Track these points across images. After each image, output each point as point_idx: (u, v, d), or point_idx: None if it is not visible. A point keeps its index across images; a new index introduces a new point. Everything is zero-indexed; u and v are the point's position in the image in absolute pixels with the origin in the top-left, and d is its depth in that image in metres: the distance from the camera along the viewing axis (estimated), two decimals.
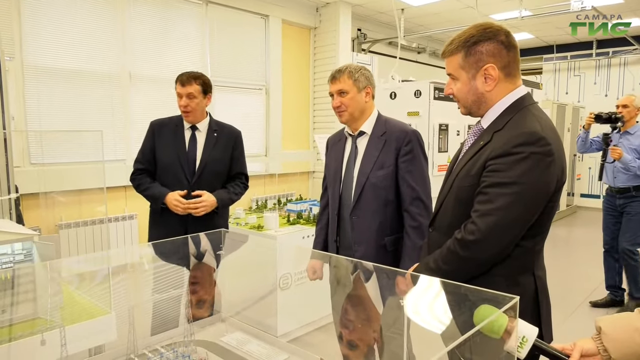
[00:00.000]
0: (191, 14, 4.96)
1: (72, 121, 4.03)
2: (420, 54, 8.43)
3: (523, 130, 1.32)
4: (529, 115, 1.38)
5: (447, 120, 5.00)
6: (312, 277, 2.33)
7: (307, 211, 4.27)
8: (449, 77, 1.52)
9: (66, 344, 1.44)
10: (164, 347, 1.70)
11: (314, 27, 6.25)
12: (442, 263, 1.43)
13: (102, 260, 2.52)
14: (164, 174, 2.59)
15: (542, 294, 1.43)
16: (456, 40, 1.45)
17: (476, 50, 1.40)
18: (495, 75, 1.39)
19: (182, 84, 2.55)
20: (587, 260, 4.33)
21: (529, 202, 1.32)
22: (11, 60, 3.61)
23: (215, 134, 2.68)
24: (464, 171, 1.45)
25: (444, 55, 1.51)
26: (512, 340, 1.00)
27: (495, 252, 1.36)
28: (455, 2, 6.30)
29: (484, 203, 1.34)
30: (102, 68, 4.22)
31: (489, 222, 1.32)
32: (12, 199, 2.59)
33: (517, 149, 1.30)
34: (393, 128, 2.14)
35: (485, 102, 1.45)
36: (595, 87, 9.24)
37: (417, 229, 2.05)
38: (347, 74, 2.11)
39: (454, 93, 1.51)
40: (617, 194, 4.02)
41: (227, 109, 5.35)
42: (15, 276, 1.71)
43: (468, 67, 1.42)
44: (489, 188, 1.34)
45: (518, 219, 1.32)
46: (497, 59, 1.39)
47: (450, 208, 1.50)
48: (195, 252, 2.21)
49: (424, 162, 2.13)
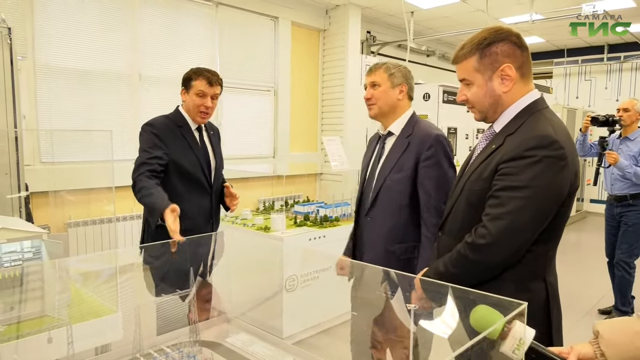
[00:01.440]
0: (201, 15, 4.99)
1: (82, 120, 4.07)
2: (429, 57, 8.40)
3: (536, 134, 1.30)
4: (541, 118, 1.36)
5: (455, 123, 4.99)
6: (339, 273, 2.29)
7: (314, 213, 4.27)
8: (462, 83, 1.49)
9: (73, 342, 1.45)
10: (169, 347, 1.70)
11: (323, 29, 6.25)
12: (452, 266, 1.41)
13: (109, 259, 2.53)
14: (187, 183, 2.34)
15: (553, 300, 1.40)
16: (468, 44, 1.42)
17: (491, 52, 1.38)
18: (512, 75, 1.37)
19: (210, 82, 2.32)
20: (596, 266, 4.28)
21: (540, 206, 1.29)
22: (23, 59, 3.65)
23: (211, 132, 2.56)
24: (475, 175, 1.43)
25: (456, 60, 1.48)
26: (508, 341, 0.99)
27: (505, 257, 1.34)
28: (465, 5, 6.28)
29: (495, 207, 1.32)
30: (113, 68, 4.26)
31: (499, 226, 1.30)
32: (22, 197, 2.61)
33: (530, 152, 1.29)
34: (418, 130, 2.04)
35: (502, 104, 1.42)
36: (606, 92, 9.16)
37: (432, 241, 1.90)
38: (384, 68, 2.06)
39: (468, 99, 1.47)
40: (615, 201, 3.94)
41: (236, 110, 5.37)
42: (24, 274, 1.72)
43: (483, 69, 1.40)
44: (500, 191, 1.32)
45: (529, 222, 1.30)
46: (513, 59, 1.38)
47: (460, 212, 1.48)
48: (202, 253, 2.21)
49: (448, 169, 2.00)
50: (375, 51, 7.18)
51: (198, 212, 2.39)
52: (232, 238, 2.50)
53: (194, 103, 2.33)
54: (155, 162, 2.21)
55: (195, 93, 2.32)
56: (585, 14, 5.39)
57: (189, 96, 2.37)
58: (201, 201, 2.41)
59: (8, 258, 1.76)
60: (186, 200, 2.30)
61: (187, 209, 2.27)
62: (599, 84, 9.29)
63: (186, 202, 2.28)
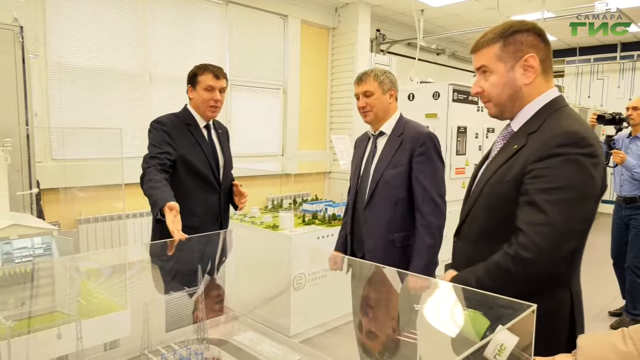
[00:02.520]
0: (211, 14, 5.00)
1: (93, 118, 4.10)
2: (439, 56, 8.36)
3: (563, 130, 1.23)
4: (565, 115, 1.29)
5: (465, 122, 4.95)
6: (332, 268, 2.44)
7: (322, 212, 4.27)
8: (478, 74, 1.41)
9: (82, 337, 1.46)
10: (177, 344, 1.71)
11: (333, 28, 6.24)
12: (489, 279, 1.27)
13: (119, 255, 2.55)
14: (196, 180, 2.35)
15: (577, 310, 1.32)
16: (491, 32, 1.35)
17: (515, 40, 1.32)
18: (535, 66, 1.31)
19: (216, 76, 2.34)
20: (607, 268, 4.23)
21: (582, 206, 1.21)
22: (35, 58, 3.68)
23: (220, 130, 2.57)
24: (495, 177, 1.34)
25: (476, 47, 1.39)
26: (490, 346, 0.99)
27: (554, 268, 1.24)
28: (475, 3, 6.23)
29: (534, 214, 1.21)
30: (123, 67, 4.28)
31: (544, 235, 1.19)
32: (34, 193, 2.64)
33: (560, 149, 1.20)
34: (410, 129, 2.22)
35: (521, 98, 1.35)
36: (619, 91, 9.05)
37: (427, 228, 2.12)
38: (373, 76, 2.22)
39: (485, 90, 1.39)
40: (624, 203, 3.87)
41: (245, 108, 5.38)
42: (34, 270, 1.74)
43: (506, 57, 1.33)
44: (536, 196, 1.21)
45: (574, 227, 1.21)
46: (537, 50, 1.32)
47: (478, 217, 1.40)
48: (210, 250, 2.22)
49: (439, 164, 2.19)
50: (384, 49, 7.16)
51: (205, 210, 2.41)
52: (240, 236, 2.51)
53: (203, 98, 2.35)
54: (165, 157, 2.22)
55: (203, 88, 2.34)
56: (598, 12, 5.32)
57: (196, 92, 2.38)
58: (209, 199, 2.42)
59: (19, 254, 1.78)
60: (194, 197, 2.33)
61: (195, 206, 2.33)
62: (611, 82, 9.18)
63: (194, 199, 2.32)
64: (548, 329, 1.15)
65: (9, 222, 1.68)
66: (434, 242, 2.12)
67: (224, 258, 2.25)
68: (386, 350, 1.95)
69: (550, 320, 1.24)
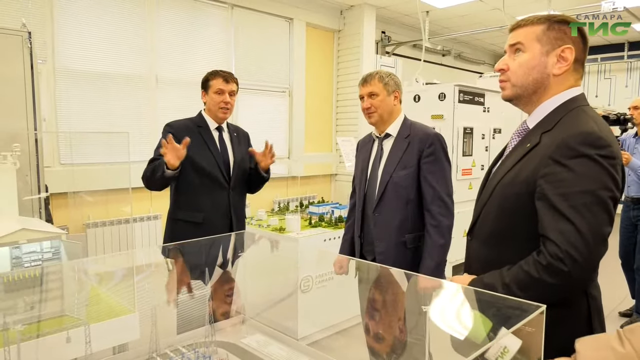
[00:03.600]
0: (217, 18, 5.03)
1: (100, 123, 4.12)
2: (445, 57, 8.33)
3: (580, 130, 1.19)
4: (582, 114, 1.25)
5: (471, 123, 4.93)
6: (338, 272, 2.44)
7: (329, 214, 4.27)
8: (509, 51, 1.36)
9: (91, 341, 1.47)
10: (185, 348, 1.72)
11: (338, 30, 6.25)
12: (518, 289, 1.20)
13: (127, 259, 2.57)
14: (202, 178, 2.51)
15: (595, 316, 1.28)
16: (538, 15, 1.33)
17: (561, 28, 1.30)
18: (570, 59, 1.28)
19: (225, 80, 2.55)
20: (617, 268, 4.20)
21: (605, 210, 1.17)
22: (43, 63, 3.71)
23: (235, 134, 2.74)
24: (509, 177, 1.31)
25: (517, 25, 1.35)
26: (493, 349, 0.99)
27: (589, 274, 1.22)
28: (481, 4, 6.21)
29: (560, 221, 1.16)
30: (130, 71, 4.31)
31: (576, 246, 1.14)
32: (42, 198, 2.65)
33: (576, 150, 1.17)
34: (417, 131, 2.24)
35: (544, 88, 1.31)
36: (627, 90, 8.98)
37: (438, 228, 2.12)
38: (378, 78, 2.24)
39: (511, 68, 1.35)
40: (632, 204, 3.84)
41: (251, 111, 5.40)
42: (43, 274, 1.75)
43: (546, 40, 1.29)
44: (558, 203, 1.17)
45: (601, 232, 1.16)
46: (577, 46, 1.30)
47: (491, 217, 1.37)
48: (217, 253, 2.23)
49: (447, 164, 2.21)
50: (390, 51, 7.15)
51: (212, 205, 2.54)
52: (247, 239, 2.51)
53: (214, 101, 2.56)
54: None
55: (214, 91, 2.55)
56: (604, 11, 5.29)
57: (209, 96, 2.59)
58: (216, 196, 2.55)
59: (28, 258, 1.80)
60: (200, 193, 2.53)
61: (202, 201, 2.54)
62: (619, 82, 9.11)
63: (200, 195, 2.53)
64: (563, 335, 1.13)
65: (18, 227, 1.69)
66: (445, 242, 2.13)
67: (231, 261, 2.26)
68: (395, 352, 1.95)
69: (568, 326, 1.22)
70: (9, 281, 1.60)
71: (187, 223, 2.51)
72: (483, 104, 5.07)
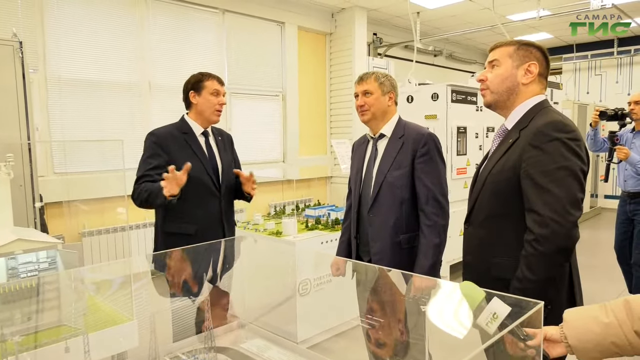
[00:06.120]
0: (208, 23, 5.03)
1: (93, 131, 4.11)
2: (436, 57, 8.37)
3: (549, 120, 1.49)
4: (550, 111, 1.57)
5: (465, 122, 4.95)
6: (335, 274, 2.44)
7: (325, 216, 4.27)
8: (488, 66, 1.68)
9: (89, 350, 1.46)
10: (184, 354, 1.71)
11: (330, 33, 6.26)
12: (530, 273, 1.44)
13: (123, 267, 2.55)
14: (193, 187, 2.32)
15: (575, 273, 1.57)
16: (510, 39, 1.67)
17: (528, 50, 1.62)
18: (535, 73, 1.60)
19: (220, 82, 2.49)
20: (613, 263, 4.22)
21: (576, 179, 1.44)
22: (35, 72, 3.70)
23: (220, 137, 2.61)
24: (497, 168, 1.58)
25: (496, 45, 1.68)
26: (483, 315, 1.08)
27: (574, 234, 1.43)
28: (471, 4, 6.25)
29: (542, 194, 1.43)
30: (123, 78, 4.30)
31: (554, 209, 1.41)
32: (37, 207, 2.64)
33: (548, 136, 1.45)
34: (411, 131, 2.24)
35: (516, 94, 1.62)
36: (617, 86, 9.05)
37: (432, 228, 2.13)
38: (374, 77, 2.26)
39: (488, 79, 1.66)
40: (628, 198, 3.85)
41: (245, 116, 5.40)
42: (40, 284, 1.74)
43: (516, 57, 1.61)
44: (539, 179, 1.44)
45: (575, 196, 1.43)
46: (540, 63, 1.62)
47: (485, 203, 1.62)
48: (215, 259, 2.22)
49: (441, 164, 2.21)
50: (382, 53, 7.18)
51: (204, 215, 2.43)
52: (244, 243, 2.51)
53: (211, 102, 2.44)
54: (155, 173, 2.29)
55: (210, 93, 2.44)
56: (593, 9, 5.34)
57: (201, 97, 2.45)
58: (208, 204, 2.45)
59: (24, 269, 1.79)
60: (192, 203, 2.38)
61: (194, 212, 2.39)
62: (609, 78, 9.18)
63: (192, 204, 2.38)
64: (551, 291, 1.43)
65: (13, 237, 1.68)
66: (440, 242, 2.13)
67: (228, 266, 2.25)
68: (395, 352, 1.95)
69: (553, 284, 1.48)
70: (6, 292, 1.59)
71: (179, 236, 2.34)
72: (476, 103, 5.10)
